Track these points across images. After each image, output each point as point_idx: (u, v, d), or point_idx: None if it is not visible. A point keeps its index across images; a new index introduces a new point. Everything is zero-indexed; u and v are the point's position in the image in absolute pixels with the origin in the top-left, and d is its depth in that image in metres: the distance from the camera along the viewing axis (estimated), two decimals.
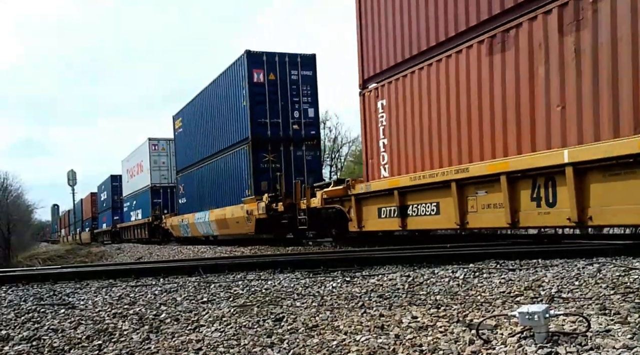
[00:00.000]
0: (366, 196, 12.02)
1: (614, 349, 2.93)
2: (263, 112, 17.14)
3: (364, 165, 12.44)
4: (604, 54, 7.00)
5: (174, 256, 18.91)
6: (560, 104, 7.60)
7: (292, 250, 14.08)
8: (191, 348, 3.71)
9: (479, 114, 9.01)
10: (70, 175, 63.07)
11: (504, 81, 8.49)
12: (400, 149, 11.08)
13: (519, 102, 8.24)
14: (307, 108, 17.65)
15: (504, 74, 8.50)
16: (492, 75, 8.71)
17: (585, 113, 7.26)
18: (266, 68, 17.12)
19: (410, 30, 10.56)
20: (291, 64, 17.43)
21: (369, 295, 5.15)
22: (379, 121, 11.74)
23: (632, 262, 6.03)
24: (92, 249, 42.07)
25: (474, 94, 9.08)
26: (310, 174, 17.32)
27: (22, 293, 6.37)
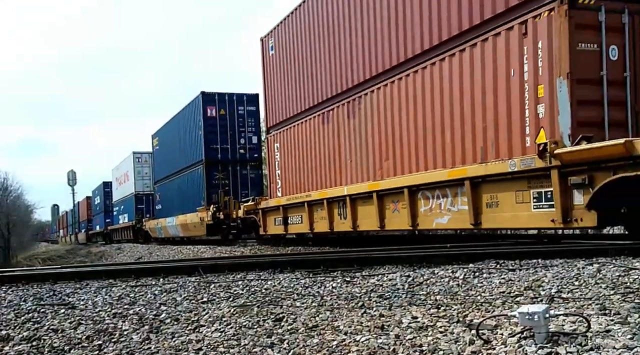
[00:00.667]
0: (267, 210, 17.04)
1: (614, 349, 2.93)
2: (215, 139, 21.92)
3: (268, 188, 17.57)
4: (362, 130, 12.35)
5: (173, 256, 18.91)
6: (349, 158, 12.89)
7: (292, 250, 14.09)
8: (191, 348, 3.71)
9: (320, 158, 14.19)
10: (70, 175, 63.13)
11: (328, 140, 13.76)
12: (287, 178, 15.99)
13: (334, 154, 13.53)
14: (251, 136, 22.61)
15: (327, 136, 13.80)
16: (323, 136, 13.99)
17: (359, 161, 12.60)
18: (218, 105, 21.93)
19: (291, 96, 15.54)
20: (238, 101, 22.28)
21: (369, 296, 5.15)
22: (275, 157, 16.80)
23: (632, 262, 6.03)
24: (92, 249, 42.09)
25: (318, 146, 14.30)
26: (253, 189, 21.86)
27: (22, 293, 6.36)
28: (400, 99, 10.92)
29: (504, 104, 8.61)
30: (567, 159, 7.48)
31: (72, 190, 62.76)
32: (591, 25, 7.79)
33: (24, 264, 41.19)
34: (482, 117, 9.01)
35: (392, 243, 13.53)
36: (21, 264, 41.52)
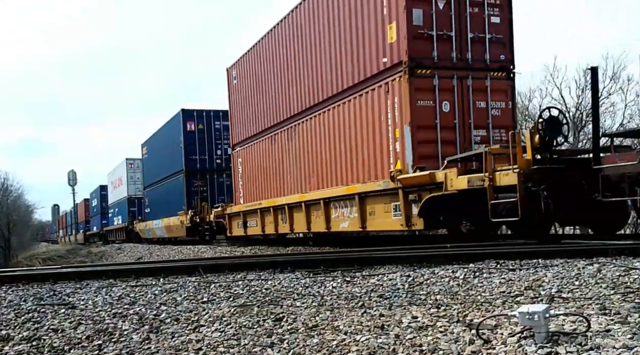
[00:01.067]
0: (232, 215, 19.84)
1: (614, 348, 2.93)
2: (194, 151, 24.60)
3: (233, 196, 20.36)
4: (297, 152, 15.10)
5: (173, 256, 18.91)
6: (288, 174, 15.70)
7: (292, 250, 14.09)
8: (191, 348, 3.71)
9: (269, 173, 17.02)
10: (70, 175, 63.18)
11: (275, 158, 16.52)
12: (247, 188, 18.92)
13: (279, 170, 16.33)
14: (226, 147, 24.14)
15: (274, 155, 16.56)
16: (271, 155, 16.79)
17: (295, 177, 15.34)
18: (196, 120, 24.73)
19: (250, 120, 18.40)
20: (215, 117, 24.89)
21: (369, 295, 5.15)
22: (238, 170, 19.75)
23: (632, 262, 6.03)
24: (92, 249, 42.14)
25: (268, 163, 17.16)
26: (228, 195, 23.17)
27: (22, 293, 6.36)
28: (319, 130, 14.00)
29: (378, 140, 11.58)
30: (405, 182, 10.57)
31: (72, 190, 62.87)
32: (428, 88, 10.69)
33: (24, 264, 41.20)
34: (366, 149, 12.03)
35: (392, 243, 13.52)
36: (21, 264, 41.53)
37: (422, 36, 10.63)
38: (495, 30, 11.02)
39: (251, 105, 18.13)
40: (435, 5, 10.69)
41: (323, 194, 13.57)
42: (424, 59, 10.67)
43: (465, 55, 10.91)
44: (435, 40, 10.71)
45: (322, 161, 13.84)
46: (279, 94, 16.01)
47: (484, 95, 11.08)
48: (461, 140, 10.77)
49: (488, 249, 7.98)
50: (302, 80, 14.64)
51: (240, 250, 17.03)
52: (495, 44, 11.05)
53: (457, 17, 10.83)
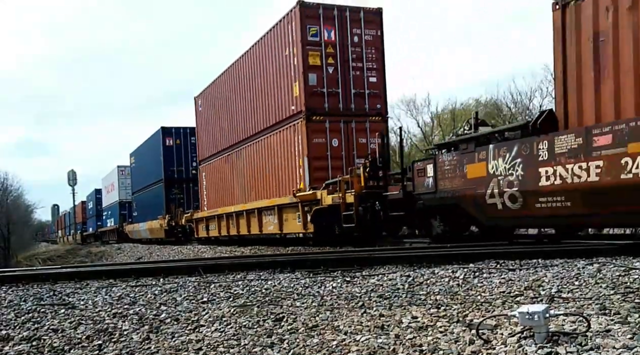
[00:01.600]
0: (198, 219, 23.68)
1: (614, 348, 2.93)
2: (172, 163, 28.31)
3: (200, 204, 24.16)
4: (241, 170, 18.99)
5: (173, 256, 18.91)
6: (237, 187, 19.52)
7: (292, 251, 14.09)
8: (191, 348, 3.71)
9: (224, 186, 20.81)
10: (70, 175, 63.15)
11: (228, 174, 20.39)
12: (209, 197, 22.67)
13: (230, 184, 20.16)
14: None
15: (227, 172, 20.39)
16: (225, 171, 20.66)
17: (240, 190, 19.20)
18: (174, 137, 28.37)
19: (210, 141, 22.22)
20: (191, 133, 27.41)
21: (369, 295, 5.14)
22: (202, 182, 23.51)
23: (632, 262, 6.03)
24: (92, 249, 42.25)
25: (223, 177, 20.97)
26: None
27: (22, 293, 6.36)
28: (254, 155, 18.13)
29: (290, 166, 15.54)
30: (301, 198, 14.53)
31: (72, 190, 62.87)
32: (321, 130, 14.74)
33: (24, 264, 41.20)
34: (283, 172, 16.01)
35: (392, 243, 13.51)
36: (21, 264, 41.53)
37: (316, 93, 14.66)
38: (372, 87, 15.15)
39: (212, 130, 22.24)
40: (325, 70, 14.66)
41: (257, 204, 17.65)
42: (318, 109, 14.65)
43: (349, 105, 14.97)
44: (326, 95, 14.74)
45: (256, 179, 18.04)
46: (229, 123, 20.17)
47: (364, 133, 15.13)
48: (347, 167, 14.20)
49: (488, 249, 7.99)
50: (243, 115, 18.90)
51: (240, 250, 17.03)
52: (372, 97, 15.15)
53: (343, 78, 14.87)
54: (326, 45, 14.69)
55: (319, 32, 14.65)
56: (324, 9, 14.78)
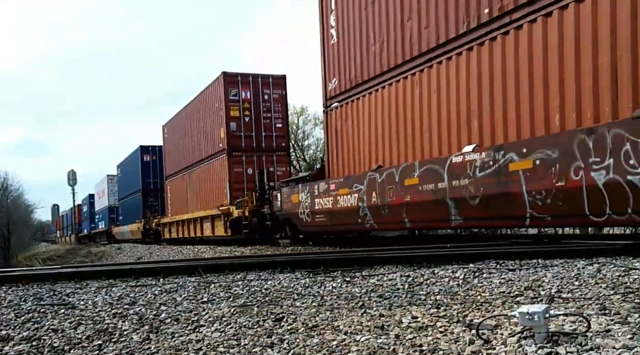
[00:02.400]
0: (164, 224, 29.97)
1: (614, 349, 2.93)
2: (149, 175, 34.26)
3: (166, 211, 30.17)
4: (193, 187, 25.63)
5: (173, 256, 18.91)
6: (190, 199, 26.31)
7: (292, 251, 14.09)
8: (191, 348, 3.71)
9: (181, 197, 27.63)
10: (70, 175, 63.17)
11: (185, 189, 27.42)
12: (173, 206, 28.48)
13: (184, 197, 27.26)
14: None
15: (184, 188, 27.06)
16: (183, 187, 28.37)
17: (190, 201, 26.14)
18: (151, 153, 34.09)
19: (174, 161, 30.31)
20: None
21: (369, 295, 5.15)
22: (168, 194, 29.65)
23: (632, 262, 6.03)
24: (92, 249, 42.40)
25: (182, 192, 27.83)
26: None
27: (22, 293, 6.36)
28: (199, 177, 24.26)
29: (219, 187, 21.56)
30: (222, 211, 20.45)
31: (72, 190, 62.92)
32: (239, 162, 20.81)
33: (24, 264, 41.19)
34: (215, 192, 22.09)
35: (392, 243, 13.53)
36: (21, 264, 41.53)
37: (235, 135, 20.71)
38: (278, 131, 21.36)
39: (174, 153, 28.13)
40: (243, 119, 20.81)
41: (199, 214, 23.74)
42: (237, 147, 20.80)
43: (261, 144, 21.11)
44: (243, 137, 20.82)
45: (199, 195, 24.18)
46: (184, 150, 26.21)
47: (272, 164, 21.11)
48: (259, 187, 18.88)
49: (488, 249, 7.99)
50: (191, 146, 24.90)
51: (240, 250, 17.03)
52: (278, 138, 21.38)
53: (257, 124, 20.94)
54: (243, 101, 20.90)
55: (238, 93, 20.90)
56: (242, 76, 21.05)
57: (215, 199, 21.87)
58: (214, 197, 22.08)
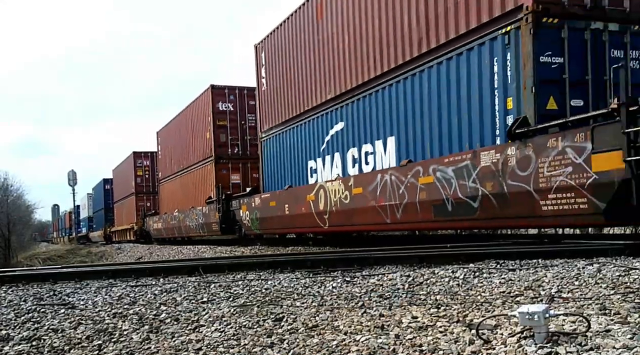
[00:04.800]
0: (113, 231, 44.83)
1: (614, 349, 2.93)
2: (109, 198, 44.64)
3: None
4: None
5: (173, 256, 18.90)
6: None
7: (292, 250, 14.09)
8: (191, 348, 3.71)
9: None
10: (70, 175, 63.12)
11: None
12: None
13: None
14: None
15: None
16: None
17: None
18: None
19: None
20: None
21: (369, 295, 5.14)
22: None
23: (632, 262, 6.03)
24: (92, 249, 42.45)
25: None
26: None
27: (22, 293, 6.36)
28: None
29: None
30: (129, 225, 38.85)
31: (72, 190, 62.95)
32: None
33: (24, 264, 41.15)
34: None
35: (392, 243, 13.52)
36: (21, 264, 41.48)
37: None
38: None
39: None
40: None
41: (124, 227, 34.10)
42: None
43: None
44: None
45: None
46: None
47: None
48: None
49: (488, 249, 7.99)
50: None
51: (240, 250, 17.03)
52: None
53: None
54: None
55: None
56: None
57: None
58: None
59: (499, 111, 8.89)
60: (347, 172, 13.16)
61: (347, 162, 13.23)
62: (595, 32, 8.55)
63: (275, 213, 16.07)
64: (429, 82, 10.45)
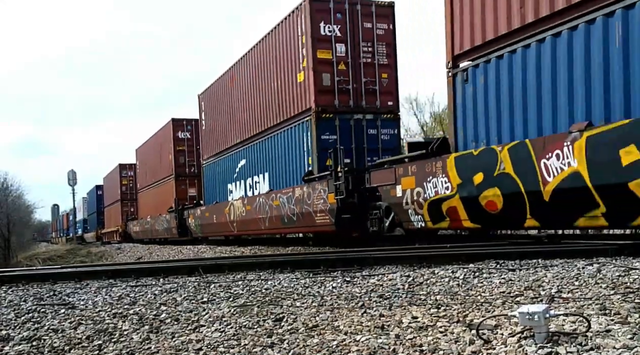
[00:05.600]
0: (103, 233, 50.45)
1: (614, 349, 2.93)
2: (102, 203, 50.86)
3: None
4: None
5: (173, 256, 18.91)
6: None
7: (292, 250, 14.09)
8: (191, 348, 3.71)
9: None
10: (70, 175, 63.14)
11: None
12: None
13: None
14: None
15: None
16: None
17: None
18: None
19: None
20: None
21: (369, 295, 5.14)
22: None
23: (632, 262, 6.03)
24: (91, 249, 42.43)
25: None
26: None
27: (22, 293, 6.36)
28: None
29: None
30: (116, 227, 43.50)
31: (72, 190, 62.95)
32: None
33: (24, 264, 41.14)
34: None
35: (392, 243, 13.52)
36: (21, 264, 41.47)
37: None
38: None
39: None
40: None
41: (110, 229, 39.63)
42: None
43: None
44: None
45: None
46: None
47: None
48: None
49: (488, 249, 7.98)
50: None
51: (240, 250, 17.03)
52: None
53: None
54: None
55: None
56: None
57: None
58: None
59: (303, 165, 14.96)
60: (247, 194, 18.62)
61: (247, 187, 18.76)
62: (357, 120, 14.62)
63: (208, 221, 21.99)
64: (278, 142, 16.49)
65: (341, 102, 14.48)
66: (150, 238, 33.23)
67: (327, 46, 14.34)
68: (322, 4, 14.36)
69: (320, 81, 14.25)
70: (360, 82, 14.62)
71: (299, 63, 14.83)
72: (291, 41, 15.20)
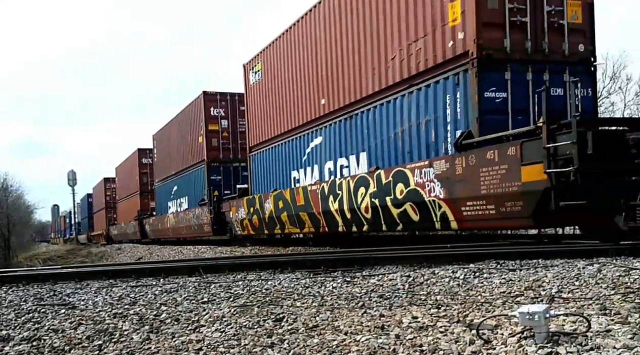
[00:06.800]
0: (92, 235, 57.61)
1: (615, 348, 2.93)
2: (91, 210, 59.31)
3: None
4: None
5: (174, 256, 18.91)
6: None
7: (292, 251, 14.09)
8: (191, 348, 3.71)
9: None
10: (70, 175, 63.15)
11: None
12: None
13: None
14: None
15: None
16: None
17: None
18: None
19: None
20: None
21: (369, 296, 5.14)
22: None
23: (632, 262, 6.03)
24: (92, 250, 42.50)
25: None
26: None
27: (23, 293, 6.36)
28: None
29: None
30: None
31: (72, 191, 62.96)
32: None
33: (24, 264, 41.16)
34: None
35: (392, 243, 13.54)
36: (22, 264, 41.49)
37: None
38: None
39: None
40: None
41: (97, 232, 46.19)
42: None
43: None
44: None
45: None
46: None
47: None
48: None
49: (488, 249, 7.99)
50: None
51: (240, 250, 17.03)
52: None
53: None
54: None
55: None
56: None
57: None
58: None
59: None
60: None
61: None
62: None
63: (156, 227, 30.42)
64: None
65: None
66: (120, 240, 41.61)
67: None
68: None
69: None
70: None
71: None
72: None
